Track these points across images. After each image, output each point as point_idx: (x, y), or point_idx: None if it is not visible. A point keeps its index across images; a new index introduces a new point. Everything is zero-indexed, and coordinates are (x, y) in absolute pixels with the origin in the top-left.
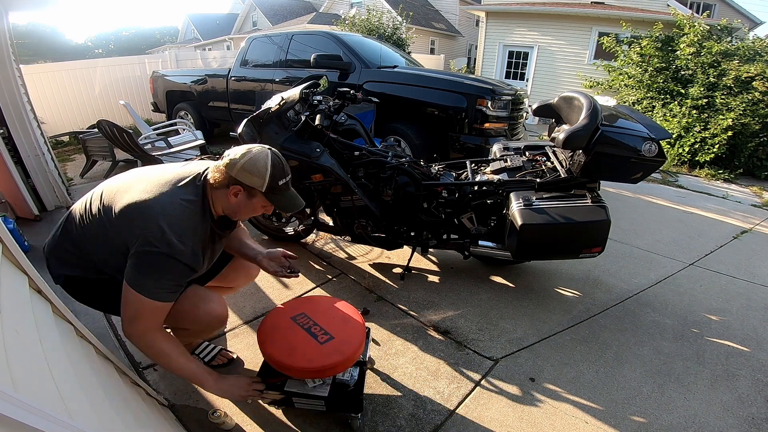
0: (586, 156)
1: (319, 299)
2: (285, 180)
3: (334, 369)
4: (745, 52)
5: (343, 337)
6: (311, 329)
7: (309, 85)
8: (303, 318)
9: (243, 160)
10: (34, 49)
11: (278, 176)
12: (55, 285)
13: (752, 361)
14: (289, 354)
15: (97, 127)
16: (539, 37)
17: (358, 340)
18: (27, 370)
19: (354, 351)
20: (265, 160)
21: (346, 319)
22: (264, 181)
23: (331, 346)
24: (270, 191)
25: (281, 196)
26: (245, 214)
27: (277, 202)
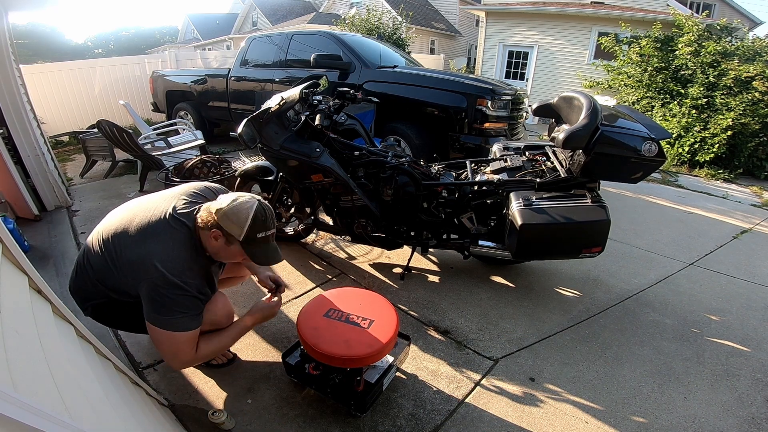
0: (586, 156)
1: (330, 294)
2: (265, 234)
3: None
4: (745, 51)
5: (380, 316)
6: (350, 319)
7: (309, 85)
8: (335, 312)
9: (227, 206)
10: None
11: (258, 230)
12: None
13: (752, 361)
14: (348, 347)
15: (97, 127)
16: (539, 37)
17: (393, 316)
18: (27, 370)
19: (396, 324)
20: (248, 211)
21: (371, 301)
22: (242, 231)
23: (377, 327)
24: (246, 242)
25: (258, 249)
26: (226, 259)
27: (252, 254)
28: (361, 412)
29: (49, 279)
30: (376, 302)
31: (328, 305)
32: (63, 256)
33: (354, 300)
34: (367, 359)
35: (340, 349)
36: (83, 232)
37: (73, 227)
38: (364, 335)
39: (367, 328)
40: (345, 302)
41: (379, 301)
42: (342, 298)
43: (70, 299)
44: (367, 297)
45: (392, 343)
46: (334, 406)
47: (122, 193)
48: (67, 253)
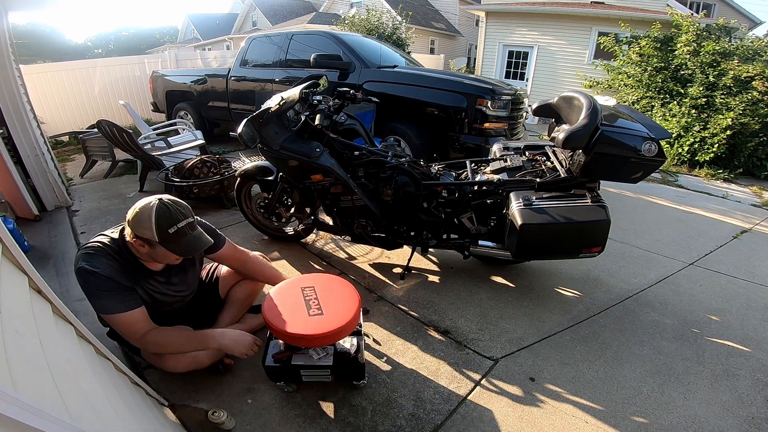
0: (586, 156)
1: (330, 279)
2: (176, 227)
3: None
4: (744, 51)
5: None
6: (310, 302)
7: (309, 85)
8: (310, 291)
9: (132, 216)
10: (34, 49)
11: (165, 226)
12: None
13: (752, 360)
14: (275, 317)
15: (97, 127)
16: (539, 37)
17: (347, 317)
18: (27, 370)
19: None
20: (149, 213)
21: (342, 296)
22: (153, 232)
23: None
24: (163, 241)
25: (177, 244)
26: (166, 260)
27: (174, 250)
28: (359, 379)
29: (49, 279)
30: (346, 303)
31: (313, 283)
32: (63, 256)
33: (334, 292)
34: (348, 327)
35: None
36: (83, 232)
37: (73, 227)
38: (334, 307)
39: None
40: (326, 290)
41: (348, 303)
42: (329, 285)
43: (70, 299)
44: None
45: (359, 308)
46: (335, 406)
47: (122, 193)
48: (67, 253)
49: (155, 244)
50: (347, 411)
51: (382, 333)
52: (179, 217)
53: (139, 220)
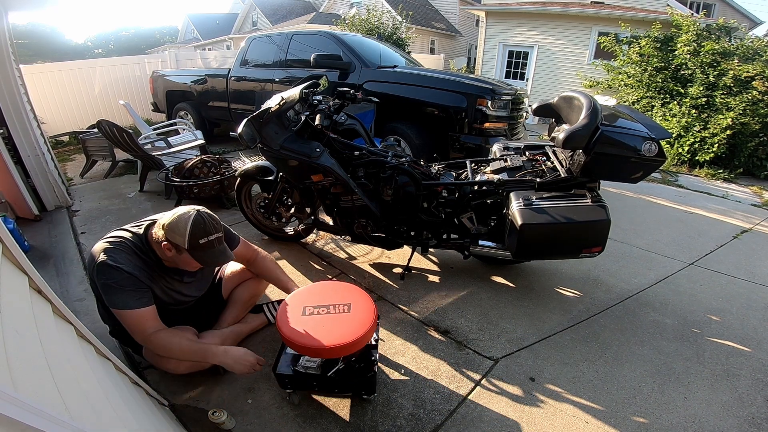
0: (586, 156)
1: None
2: (207, 239)
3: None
4: (745, 51)
5: (356, 302)
6: (329, 311)
7: (309, 84)
8: (310, 309)
9: (169, 220)
10: (34, 49)
11: (198, 236)
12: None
13: (752, 360)
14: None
15: (97, 127)
16: (539, 37)
17: (365, 296)
18: (27, 370)
19: (371, 301)
20: (186, 221)
21: (338, 289)
22: (185, 239)
23: (356, 312)
24: (192, 249)
25: (203, 254)
26: (184, 266)
27: (199, 258)
28: (373, 393)
29: (49, 279)
30: (343, 289)
31: (301, 304)
32: (63, 256)
33: (323, 293)
34: (365, 338)
35: (337, 339)
36: (83, 232)
37: (73, 227)
38: (350, 319)
39: (349, 311)
40: (316, 297)
41: (345, 288)
42: (312, 294)
43: (70, 299)
44: (333, 286)
45: (376, 321)
46: (335, 406)
47: (122, 193)
48: (67, 253)
49: (183, 251)
50: (347, 411)
51: (383, 333)
52: (212, 230)
53: (176, 226)
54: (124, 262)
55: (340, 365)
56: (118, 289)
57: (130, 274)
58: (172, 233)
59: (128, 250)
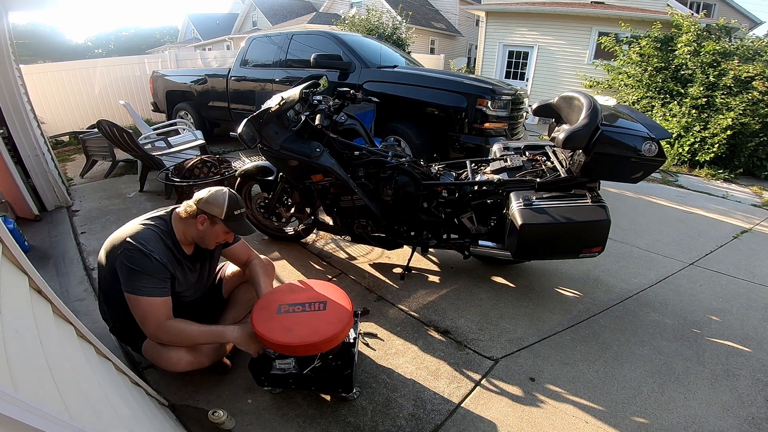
0: (586, 156)
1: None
2: (240, 211)
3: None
4: (745, 51)
5: (332, 299)
6: (305, 309)
7: (309, 85)
8: (285, 307)
9: (207, 195)
10: (34, 49)
11: (234, 207)
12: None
13: (752, 360)
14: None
15: (97, 127)
16: (539, 37)
17: (341, 293)
18: (27, 370)
19: (347, 298)
20: (223, 195)
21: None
22: (222, 210)
23: (331, 309)
24: (228, 218)
25: (237, 223)
26: (210, 240)
27: (234, 228)
28: (350, 391)
29: (49, 279)
30: (319, 287)
31: (277, 302)
32: (63, 256)
33: (299, 291)
34: (340, 335)
35: (312, 336)
36: (83, 232)
37: (73, 227)
38: (325, 317)
39: (325, 310)
40: (292, 295)
41: (322, 285)
42: (287, 292)
43: (70, 299)
44: (309, 284)
45: (351, 318)
46: (334, 406)
47: (122, 193)
48: (67, 253)
49: (218, 221)
50: (347, 411)
51: (382, 333)
52: (242, 205)
53: (214, 199)
54: (157, 250)
55: (317, 363)
56: (146, 276)
57: (160, 262)
58: (209, 206)
59: (159, 238)
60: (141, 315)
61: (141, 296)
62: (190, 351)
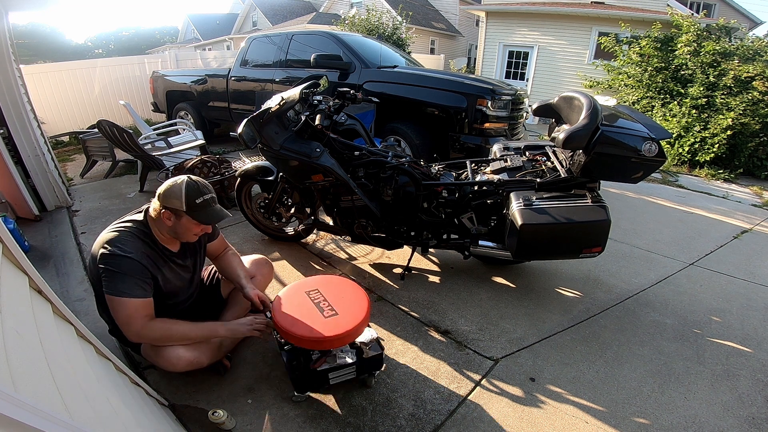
0: (586, 156)
1: (331, 279)
2: (203, 198)
3: (332, 342)
4: (745, 51)
5: (347, 314)
6: (320, 304)
7: (309, 85)
8: (316, 294)
9: (164, 189)
10: (34, 49)
11: (194, 196)
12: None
13: (752, 361)
14: (293, 324)
15: (97, 127)
16: (539, 37)
17: (358, 319)
18: (27, 370)
19: (353, 328)
20: (179, 186)
21: (353, 298)
22: (182, 201)
23: (333, 322)
24: (190, 209)
25: (202, 213)
26: (184, 235)
27: (199, 218)
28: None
29: (49, 279)
30: (358, 305)
31: (317, 286)
32: (63, 257)
33: (344, 293)
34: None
35: (285, 323)
36: (83, 233)
37: (73, 227)
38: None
39: (326, 318)
40: (335, 291)
41: (359, 306)
42: (336, 286)
43: (70, 299)
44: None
45: (332, 344)
46: (334, 406)
47: (122, 193)
48: (67, 254)
49: (182, 215)
50: (347, 411)
51: (383, 333)
52: (205, 191)
53: (170, 192)
54: (132, 250)
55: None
56: (125, 276)
57: (139, 263)
58: (168, 200)
59: (134, 238)
60: (124, 317)
61: (122, 297)
62: (188, 350)
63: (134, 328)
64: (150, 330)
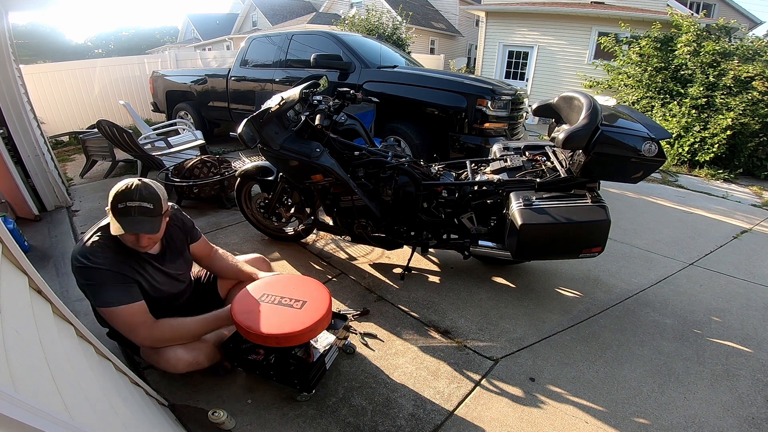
0: (586, 156)
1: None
2: (126, 204)
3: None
4: (745, 51)
5: (312, 298)
6: (283, 302)
7: (309, 85)
8: (268, 297)
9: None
10: (34, 49)
11: (118, 199)
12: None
13: (752, 361)
14: (280, 325)
15: (97, 127)
16: (539, 37)
17: (325, 295)
18: (27, 370)
19: (328, 302)
20: (118, 186)
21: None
22: (108, 201)
23: (310, 308)
24: (113, 211)
25: (121, 219)
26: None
27: (120, 222)
28: (307, 391)
29: (49, 279)
30: (309, 285)
31: (261, 291)
32: (63, 257)
33: (290, 285)
34: (301, 336)
35: (272, 329)
36: (83, 233)
37: (73, 227)
38: (297, 314)
39: (300, 308)
40: (278, 288)
41: (311, 284)
42: (275, 284)
43: (70, 299)
44: (300, 281)
45: (326, 321)
46: (334, 406)
47: None
48: (67, 254)
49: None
50: (347, 411)
51: (382, 333)
52: (135, 197)
53: (111, 190)
54: (101, 259)
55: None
56: (103, 288)
57: (109, 270)
58: (107, 199)
59: (103, 247)
60: (125, 326)
61: (110, 308)
62: (187, 351)
63: (142, 334)
64: (158, 331)
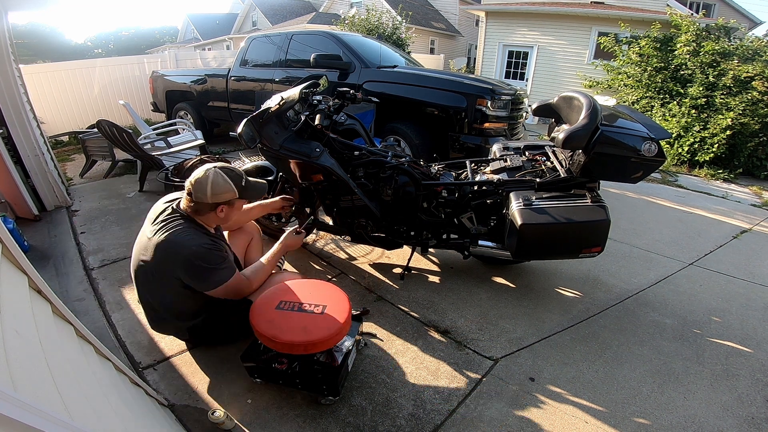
0: (586, 156)
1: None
2: (245, 181)
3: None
4: (744, 51)
5: (332, 301)
6: (302, 308)
7: (309, 84)
8: (286, 304)
9: (209, 189)
10: (34, 49)
11: (238, 181)
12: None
13: (752, 361)
14: (306, 332)
15: (96, 127)
16: (539, 37)
17: (343, 297)
18: (27, 370)
19: (348, 305)
20: (221, 179)
21: (320, 287)
22: (234, 191)
23: (331, 312)
24: (241, 193)
25: (251, 191)
26: (235, 217)
27: (251, 196)
28: (335, 395)
29: (49, 279)
30: (326, 289)
31: (278, 298)
32: (63, 256)
33: (305, 290)
34: (328, 341)
35: (298, 336)
36: (83, 232)
37: (72, 227)
38: (321, 319)
39: (321, 313)
40: (293, 294)
41: (328, 288)
42: (288, 290)
43: (70, 299)
44: (317, 285)
45: (349, 323)
46: (334, 406)
47: (122, 193)
48: (66, 253)
49: (234, 201)
50: (347, 411)
51: (382, 333)
52: (238, 172)
53: (217, 189)
54: (210, 242)
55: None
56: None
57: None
58: (219, 196)
59: (203, 234)
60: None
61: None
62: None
63: (246, 291)
64: (256, 281)
